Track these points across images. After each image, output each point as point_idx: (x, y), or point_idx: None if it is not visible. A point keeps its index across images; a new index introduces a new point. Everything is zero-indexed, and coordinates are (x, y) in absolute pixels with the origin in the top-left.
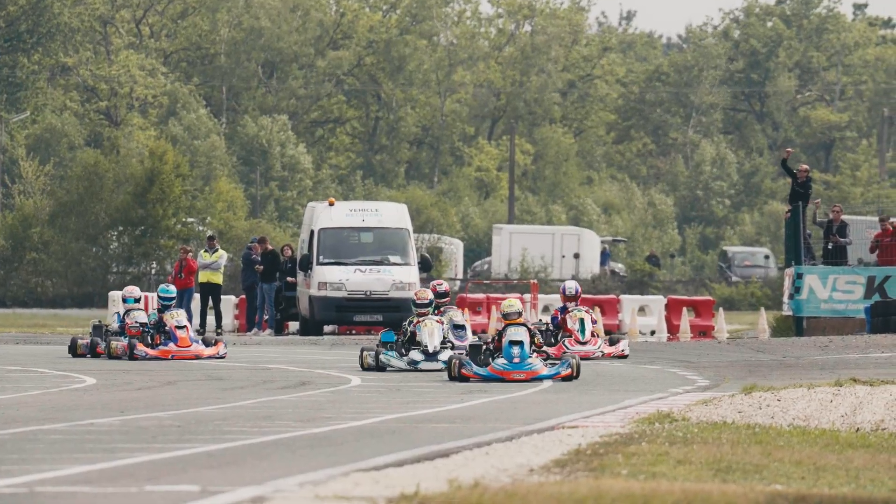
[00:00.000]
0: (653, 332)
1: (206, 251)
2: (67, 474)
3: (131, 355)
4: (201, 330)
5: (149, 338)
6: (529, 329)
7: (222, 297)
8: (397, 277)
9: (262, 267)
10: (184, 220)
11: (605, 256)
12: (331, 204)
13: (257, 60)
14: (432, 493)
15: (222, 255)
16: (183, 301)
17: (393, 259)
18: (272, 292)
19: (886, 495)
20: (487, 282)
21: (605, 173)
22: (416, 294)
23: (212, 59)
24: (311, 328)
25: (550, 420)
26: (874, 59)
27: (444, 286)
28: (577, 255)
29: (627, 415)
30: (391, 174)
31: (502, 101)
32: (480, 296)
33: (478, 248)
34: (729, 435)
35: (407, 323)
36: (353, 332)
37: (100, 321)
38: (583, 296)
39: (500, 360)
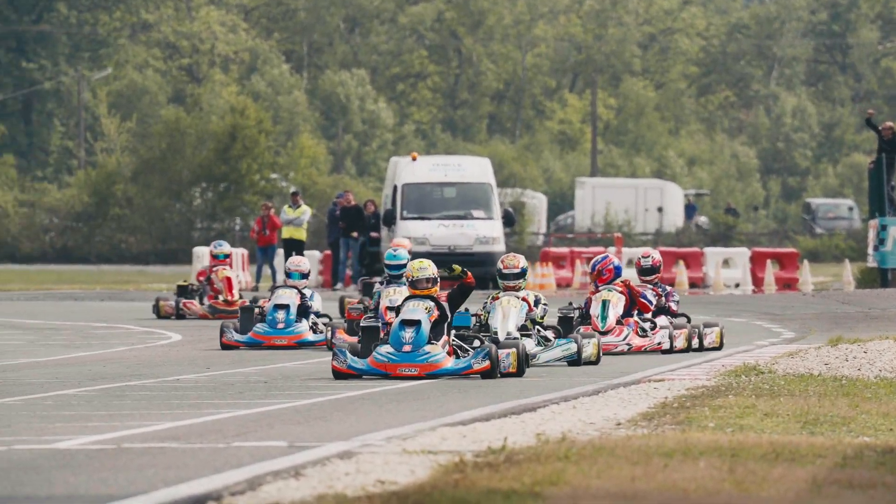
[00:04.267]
0: (737, 285)
1: (289, 207)
2: (155, 430)
3: (224, 344)
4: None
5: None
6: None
7: (306, 252)
8: (481, 232)
9: (343, 223)
10: (267, 175)
11: (691, 210)
12: (413, 159)
13: (339, 16)
14: (519, 446)
15: (305, 211)
16: (266, 257)
17: (476, 214)
18: (356, 248)
19: None
20: (571, 236)
21: (691, 127)
22: (502, 262)
23: (293, 15)
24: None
25: (636, 374)
26: None
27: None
28: (660, 209)
29: (713, 368)
30: (473, 129)
31: (583, 56)
32: (564, 250)
33: (561, 202)
34: (816, 387)
35: (488, 300)
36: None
37: (185, 281)
38: (667, 249)
39: (386, 349)
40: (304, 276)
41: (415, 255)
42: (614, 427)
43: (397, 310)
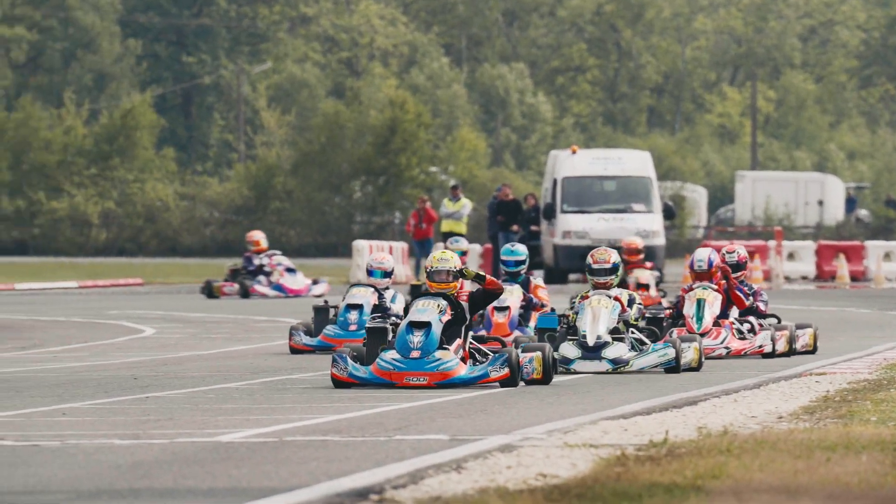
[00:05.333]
0: None
1: (449, 200)
2: (316, 423)
3: (292, 349)
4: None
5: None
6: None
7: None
8: (641, 226)
9: (502, 217)
10: (426, 169)
11: (851, 203)
12: (573, 152)
13: (498, 9)
14: (681, 440)
15: (465, 204)
16: (423, 250)
17: (636, 207)
18: (514, 241)
19: None
20: (731, 229)
21: (853, 120)
22: (591, 256)
23: (451, 8)
24: (555, 276)
25: (798, 367)
26: None
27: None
28: (820, 202)
29: (875, 361)
30: (632, 122)
31: (743, 49)
32: (724, 243)
33: (721, 196)
34: None
35: (576, 299)
36: None
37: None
38: (828, 242)
39: (391, 355)
40: (387, 274)
41: (574, 249)
42: (776, 421)
43: (405, 309)
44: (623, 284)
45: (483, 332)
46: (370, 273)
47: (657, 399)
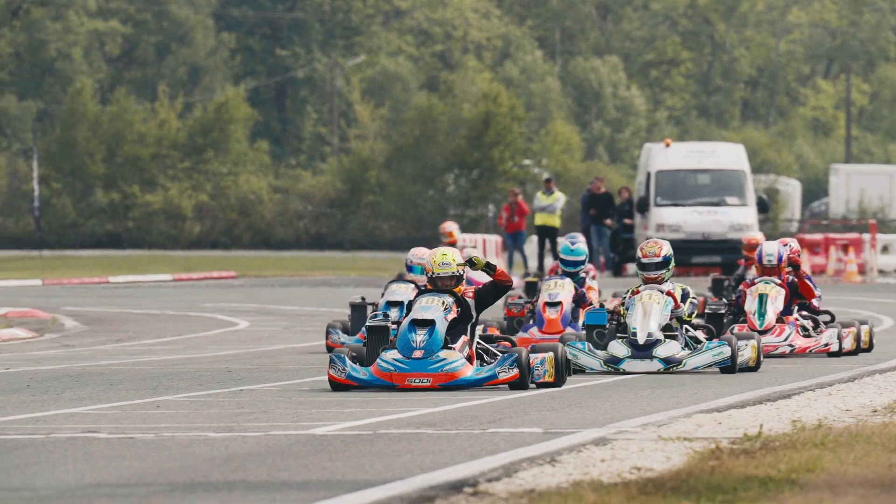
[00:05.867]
0: None
1: (543, 193)
2: (410, 416)
3: (329, 347)
4: (539, 273)
5: None
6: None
7: (559, 239)
8: (735, 219)
9: (594, 210)
10: (520, 162)
11: None
12: (667, 145)
13: (591, 2)
14: (775, 433)
15: (559, 198)
16: (516, 244)
17: (730, 200)
18: (607, 235)
19: None
20: (825, 222)
21: None
22: (640, 249)
23: (545, 2)
24: None
25: (892, 360)
26: None
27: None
28: None
29: None
30: (726, 115)
31: (838, 42)
32: (818, 237)
33: (815, 189)
34: None
35: (627, 293)
36: (691, 273)
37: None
38: None
39: (392, 355)
40: None
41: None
42: (870, 414)
43: (408, 306)
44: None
45: (529, 333)
46: (409, 269)
47: (751, 392)
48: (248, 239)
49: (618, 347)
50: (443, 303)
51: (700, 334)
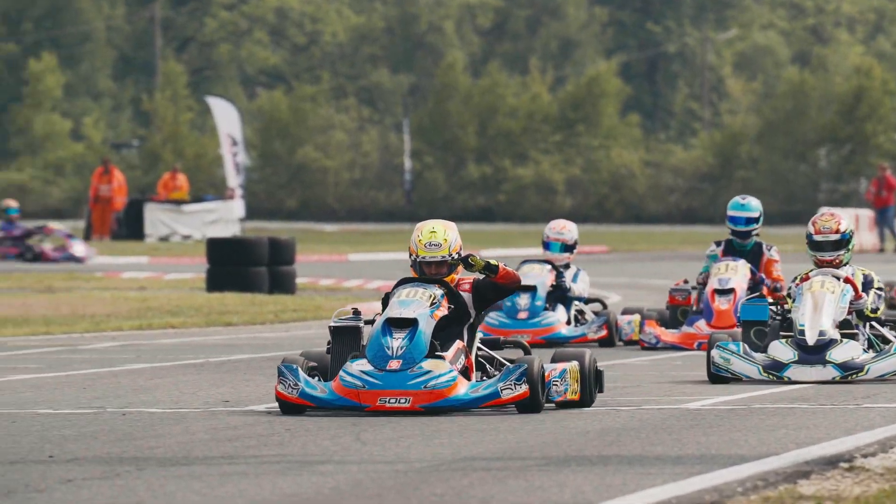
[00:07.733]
0: None
1: None
2: (783, 391)
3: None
4: None
5: None
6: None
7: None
8: None
9: None
10: (892, 137)
11: None
12: None
13: None
14: None
15: None
16: (885, 219)
17: None
18: None
19: None
20: None
21: None
22: (813, 222)
23: None
24: None
25: None
26: None
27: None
28: None
29: None
30: None
31: None
32: None
33: None
34: None
35: (794, 282)
36: None
37: None
38: None
39: (360, 366)
40: (568, 247)
41: None
42: None
43: (384, 300)
44: None
45: (695, 327)
46: (546, 246)
47: None
48: (619, 213)
49: (781, 350)
50: (429, 296)
51: (888, 332)
